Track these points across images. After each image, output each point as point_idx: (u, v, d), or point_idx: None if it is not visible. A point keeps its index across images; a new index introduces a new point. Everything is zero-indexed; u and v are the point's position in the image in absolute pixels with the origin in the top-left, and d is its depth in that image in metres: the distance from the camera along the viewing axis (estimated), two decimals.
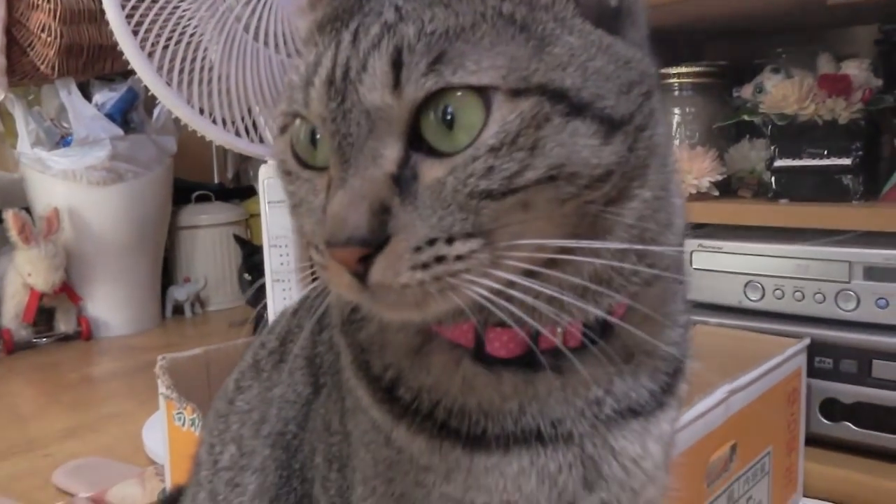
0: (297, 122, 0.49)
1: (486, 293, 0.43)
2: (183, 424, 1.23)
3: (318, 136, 0.48)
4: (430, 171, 0.44)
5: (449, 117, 0.43)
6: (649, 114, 0.47)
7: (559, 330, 0.51)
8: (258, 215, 3.38)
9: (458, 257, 0.43)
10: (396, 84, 0.43)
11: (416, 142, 0.44)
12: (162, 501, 1.00)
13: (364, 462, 0.56)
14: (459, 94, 0.43)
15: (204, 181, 3.49)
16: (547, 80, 0.43)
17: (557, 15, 0.46)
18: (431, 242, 0.43)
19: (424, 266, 0.43)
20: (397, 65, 0.43)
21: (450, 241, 0.43)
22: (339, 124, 0.44)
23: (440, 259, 0.43)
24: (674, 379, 0.57)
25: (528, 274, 0.45)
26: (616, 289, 0.50)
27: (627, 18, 0.49)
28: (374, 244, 0.42)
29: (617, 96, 0.45)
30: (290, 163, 0.50)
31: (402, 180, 0.43)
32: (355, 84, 0.44)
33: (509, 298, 0.44)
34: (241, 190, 3.55)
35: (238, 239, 2.40)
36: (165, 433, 1.27)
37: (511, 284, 0.44)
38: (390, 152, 0.44)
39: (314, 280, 0.53)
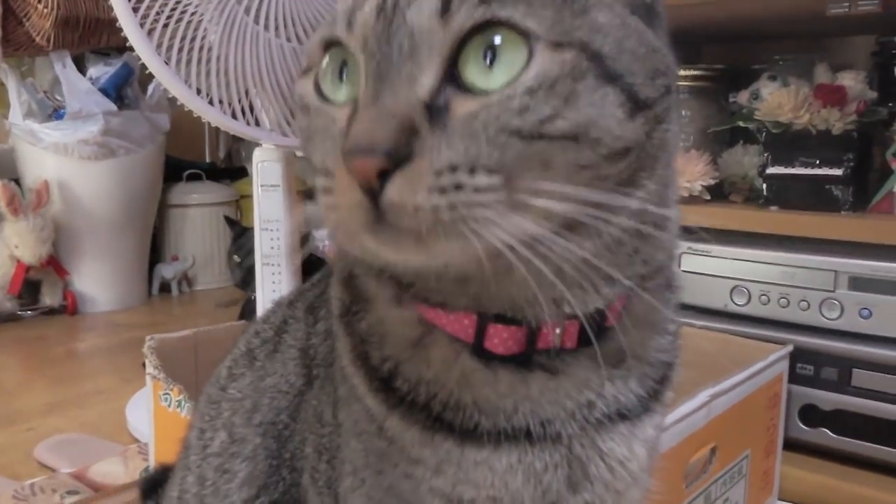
0: (326, 58, 0.50)
1: (501, 235, 0.43)
2: (169, 405, 1.23)
3: (345, 72, 0.49)
4: (463, 105, 0.44)
5: (490, 56, 0.44)
6: (667, 108, 0.49)
7: (557, 331, 0.52)
8: (249, 196, 3.39)
9: (477, 189, 0.43)
10: (446, 10, 0.44)
11: (450, 77, 0.45)
12: (145, 479, 1.01)
13: (354, 452, 0.57)
14: (504, 33, 0.44)
15: (195, 160, 3.48)
16: (588, 39, 0.45)
17: None
18: (454, 169, 0.43)
19: (442, 191, 0.42)
20: None
21: (471, 171, 0.43)
22: (380, 44, 0.45)
23: (459, 187, 0.43)
24: (661, 385, 0.59)
25: (535, 241, 0.45)
26: (608, 282, 0.51)
27: (656, 19, 0.51)
28: (396, 159, 0.42)
29: (644, 78, 0.47)
30: (311, 97, 0.51)
31: (434, 109, 0.44)
32: (403, 8, 0.45)
33: (521, 258, 0.44)
34: (232, 170, 3.54)
35: (228, 220, 2.39)
36: (151, 413, 1.28)
37: (528, 240, 0.44)
38: (426, 79, 0.45)
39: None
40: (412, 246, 0.44)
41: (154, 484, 0.96)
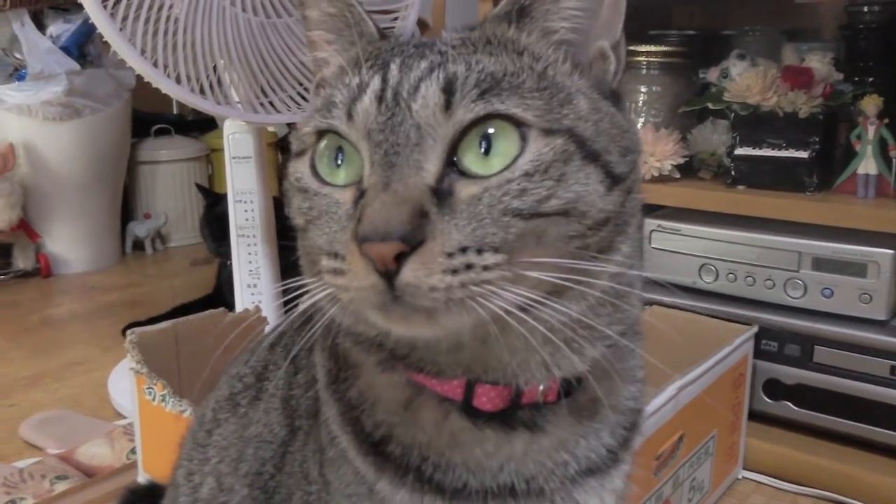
0: (322, 143, 0.53)
1: (504, 305, 0.47)
2: (153, 399, 1.26)
3: (341, 157, 0.52)
4: (465, 188, 0.49)
5: (487, 144, 0.49)
6: (636, 180, 0.55)
7: (541, 387, 0.55)
8: (220, 150, 3.33)
9: (485, 268, 0.47)
10: (448, 106, 0.49)
11: (451, 162, 0.49)
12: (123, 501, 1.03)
13: None
14: (500, 125, 0.49)
15: (162, 112, 3.42)
16: (574, 125, 0.51)
17: (576, 83, 0.54)
18: (463, 250, 0.47)
19: (454, 272, 0.46)
20: (448, 90, 0.49)
21: (479, 251, 0.47)
22: (387, 135, 0.49)
23: (469, 266, 0.47)
24: (630, 433, 0.62)
25: (531, 306, 0.49)
26: (591, 341, 0.55)
27: (621, 102, 0.57)
28: (412, 242, 0.46)
29: (618, 156, 0.52)
30: (308, 181, 0.54)
31: (440, 193, 0.48)
32: (408, 102, 0.49)
33: (521, 321, 0.49)
34: (201, 122, 3.49)
35: (200, 188, 2.37)
36: (136, 405, 1.30)
37: (523, 308, 0.49)
38: (431, 166, 0.49)
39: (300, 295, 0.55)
40: (423, 321, 0.48)
41: None
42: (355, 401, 0.59)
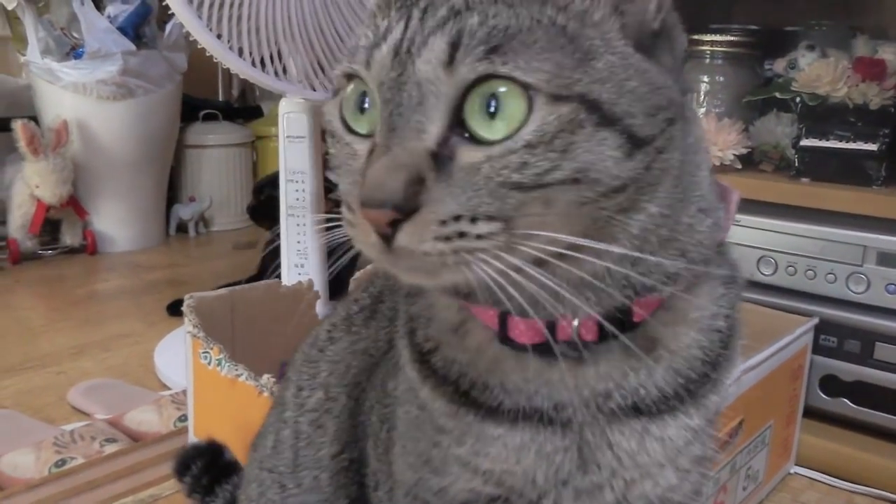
0: (350, 86, 0.52)
1: (494, 274, 0.47)
2: (209, 363, 1.26)
3: (366, 105, 0.51)
4: (467, 154, 0.47)
5: (493, 106, 0.47)
6: (670, 139, 0.50)
7: (575, 323, 0.53)
8: (265, 138, 3.37)
9: (479, 236, 0.46)
10: (451, 61, 0.46)
11: (456, 125, 0.47)
12: (178, 461, 1.03)
13: (401, 420, 0.62)
14: (505, 87, 0.46)
15: (210, 98, 3.46)
16: (587, 90, 0.47)
17: (604, 34, 0.49)
18: (457, 218, 0.46)
19: (447, 238, 0.46)
20: (455, 45, 0.46)
21: (473, 220, 0.46)
22: (393, 92, 0.48)
23: (462, 234, 0.46)
24: (696, 386, 0.57)
25: (537, 263, 0.48)
26: (619, 288, 0.53)
27: (666, 42, 0.52)
28: (405, 210, 0.46)
29: (645, 117, 0.48)
30: (337, 125, 0.54)
31: (440, 158, 0.47)
32: (414, 57, 0.47)
33: (515, 284, 0.48)
34: (247, 110, 3.53)
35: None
36: (190, 369, 1.31)
37: (519, 270, 0.48)
38: (433, 129, 0.47)
39: (329, 229, 0.55)
40: (423, 276, 0.50)
41: (187, 463, 1.01)
42: (415, 314, 0.62)
